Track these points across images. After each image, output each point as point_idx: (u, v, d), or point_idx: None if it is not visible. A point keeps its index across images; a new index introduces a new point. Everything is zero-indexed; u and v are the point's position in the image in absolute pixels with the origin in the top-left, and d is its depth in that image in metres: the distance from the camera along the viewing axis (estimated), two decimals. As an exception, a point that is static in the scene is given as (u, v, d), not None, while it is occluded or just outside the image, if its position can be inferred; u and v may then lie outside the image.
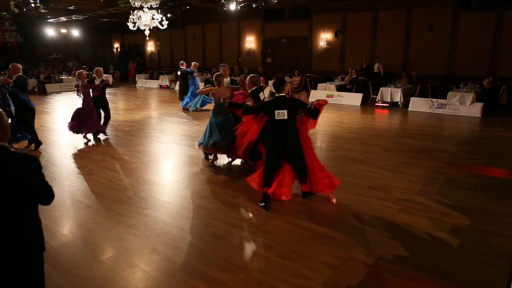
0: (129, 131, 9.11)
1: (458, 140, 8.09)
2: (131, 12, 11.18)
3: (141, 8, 11.04)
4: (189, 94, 12.10)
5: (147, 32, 11.43)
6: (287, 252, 3.58)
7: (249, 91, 5.69)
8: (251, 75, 5.83)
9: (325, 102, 4.73)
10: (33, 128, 7.30)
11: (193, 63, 12.86)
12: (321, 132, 8.99)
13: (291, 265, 3.36)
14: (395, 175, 5.74)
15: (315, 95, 14.33)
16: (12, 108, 6.92)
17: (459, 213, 4.41)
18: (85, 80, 8.03)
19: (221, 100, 5.83)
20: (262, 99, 5.48)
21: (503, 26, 12.48)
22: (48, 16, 19.67)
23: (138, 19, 11.15)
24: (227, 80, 6.91)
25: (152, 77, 22.10)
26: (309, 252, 3.59)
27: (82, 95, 7.89)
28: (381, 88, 12.82)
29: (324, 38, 16.60)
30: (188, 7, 15.62)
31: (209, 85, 6.85)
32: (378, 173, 5.83)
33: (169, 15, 14.97)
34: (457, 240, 3.79)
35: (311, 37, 17.06)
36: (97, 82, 8.19)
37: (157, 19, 11.33)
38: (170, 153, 7.21)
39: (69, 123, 7.99)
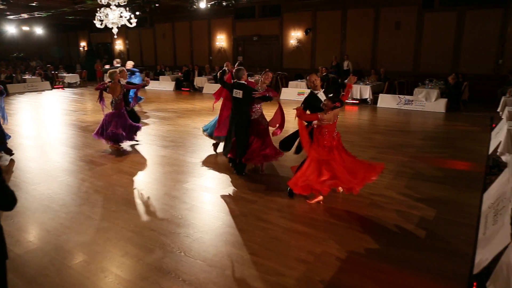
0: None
1: (425, 135, 8.38)
2: (98, 9, 10.88)
3: (108, 5, 10.76)
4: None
5: (115, 31, 11.15)
6: (260, 250, 3.60)
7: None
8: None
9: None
10: None
11: (128, 62, 11.30)
12: (293, 129, 9.07)
13: (265, 263, 3.39)
14: (365, 170, 5.87)
15: (286, 93, 14.47)
16: None
17: (426, 205, 4.58)
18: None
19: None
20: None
21: (464, 25, 13.02)
22: (8, 13, 18.85)
23: (106, 17, 10.87)
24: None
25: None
26: (282, 249, 3.62)
27: (114, 98, 6.96)
28: (350, 85, 13.05)
29: (295, 36, 16.75)
30: (157, 4, 15.38)
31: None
32: (349, 169, 5.94)
33: (138, 13, 14.66)
34: (424, 231, 3.93)
35: (281, 35, 17.17)
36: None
37: (125, 17, 11.07)
38: (141, 154, 7.08)
39: (114, 133, 6.81)
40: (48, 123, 10.29)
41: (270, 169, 6.05)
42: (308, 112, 4.71)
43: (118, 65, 11.24)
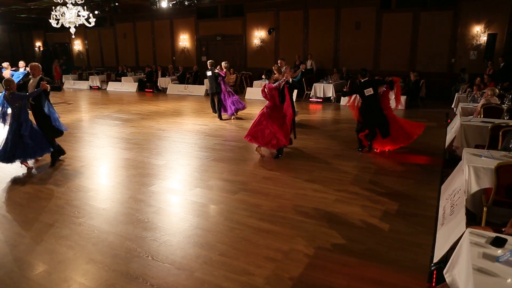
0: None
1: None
2: (54, 8, 10.43)
3: (64, 4, 10.34)
4: None
5: (72, 30, 10.74)
6: (229, 250, 3.60)
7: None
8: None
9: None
10: None
11: (20, 63, 10.72)
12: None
13: (234, 263, 3.38)
14: (330, 167, 6.01)
15: (251, 92, 14.51)
16: None
17: (389, 199, 4.74)
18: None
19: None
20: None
21: (419, 26, 13.61)
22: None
23: (62, 15, 10.44)
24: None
25: (81, 77, 20.83)
26: (251, 248, 3.63)
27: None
28: (314, 84, 13.33)
29: (258, 36, 16.83)
30: (117, 4, 14.95)
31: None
32: (314, 166, 6.06)
33: (96, 12, 14.20)
34: (388, 225, 4.07)
35: (245, 35, 17.20)
36: None
37: (83, 16, 10.69)
38: (104, 157, 6.87)
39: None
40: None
41: (236, 170, 6.05)
42: None
43: (22, 68, 10.59)
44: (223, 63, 10.80)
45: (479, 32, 12.77)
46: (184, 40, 19.06)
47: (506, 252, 2.26)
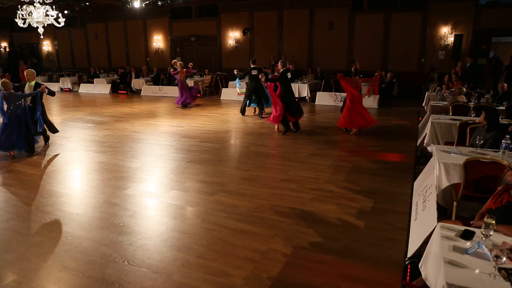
0: (26, 140, 8.21)
1: (360, 130, 8.83)
2: (20, 7, 10.06)
3: (31, 2, 9.99)
4: None
5: (41, 30, 10.38)
6: (207, 252, 3.58)
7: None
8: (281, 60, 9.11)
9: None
10: None
11: None
12: (234, 129, 9.13)
13: (212, 265, 3.37)
14: (306, 167, 6.07)
15: (226, 93, 14.48)
16: None
17: (364, 196, 4.84)
18: None
19: None
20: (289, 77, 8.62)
21: (390, 26, 13.95)
22: None
23: (29, 15, 10.08)
24: None
25: (51, 79, 20.19)
26: (229, 249, 3.63)
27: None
28: (289, 84, 13.40)
29: (233, 36, 16.81)
30: (87, 3, 14.61)
31: None
32: (290, 166, 6.11)
33: (66, 12, 13.82)
34: (363, 222, 4.15)
35: (220, 35, 17.15)
36: None
37: (52, 16, 10.36)
38: (76, 161, 6.69)
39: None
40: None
41: (212, 171, 6.02)
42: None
43: None
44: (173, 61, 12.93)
45: (446, 33, 13.22)
46: (158, 41, 18.81)
47: (474, 244, 2.35)
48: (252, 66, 10.36)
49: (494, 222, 2.40)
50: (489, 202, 2.98)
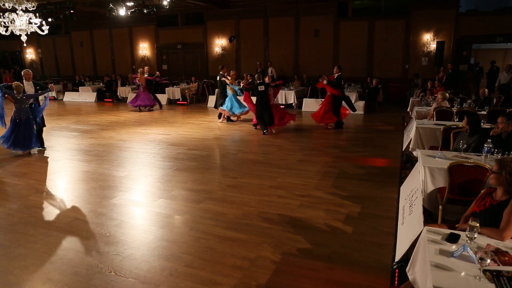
0: (9, 150, 8.05)
1: (347, 136, 8.93)
2: (1, 14, 9.90)
3: (14, 10, 9.85)
4: None
5: (24, 38, 10.22)
6: (195, 261, 3.54)
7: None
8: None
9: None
10: None
11: None
12: (221, 136, 9.11)
13: (201, 273, 3.34)
14: (294, 173, 6.09)
15: (212, 101, 14.42)
16: None
17: (351, 202, 4.87)
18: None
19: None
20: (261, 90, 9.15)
21: (374, 33, 14.20)
22: None
23: (11, 22, 9.94)
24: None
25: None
26: (217, 257, 3.60)
27: None
28: (276, 91, 13.48)
29: (219, 44, 16.86)
30: (72, 11, 14.48)
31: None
32: (278, 173, 6.12)
33: (50, 20, 13.67)
34: (351, 227, 4.17)
35: (206, 43, 17.19)
36: None
37: (35, 24, 10.22)
38: (61, 171, 6.58)
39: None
40: None
41: (200, 179, 5.99)
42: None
43: None
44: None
45: (429, 40, 13.50)
46: (144, 49, 18.73)
47: (459, 247, 2.39)
48: (258, 82, 9.28)
49: (478, 225, 2.44)
50: (473, 205, 3.03)
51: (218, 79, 10.91)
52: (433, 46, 13.42)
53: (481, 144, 4.43)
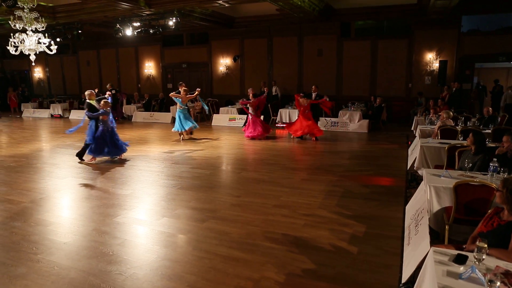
0: (14, 167, 8.11)
1: (351, 155, 8.90)
2: (12, 35, 10.13)
3: (24, 30, 10.07)
4: None
5: (32, 58, 10.43)
6: (198, 281, 3.49)
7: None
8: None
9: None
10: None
11: None
12: (225, 155, 9.12)
13: (204, 294, 3.29)
14: (298, 192, 6.05)
15: (217, 119, 14.55)
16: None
17: (356, 221, 4.82)
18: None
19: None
20: None
21: (378, 53, 14.33)
22: None
23: (21, 42, 10.14)
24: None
25: (41, 106, 20.12)
26: (221, 277, 3.55)
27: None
28: (280, 109, 13.58)
29: (224, 63, 17.07)
30: (80, 31, 14.77)
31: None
32: (282, 192, 6.09)
33: (58, 39, 13.94)
34: (356, 248, 4.11)
35: (211, 62, 17.40)
36: None
37: (44, 43, 10.43)
38: (65, 188, 6.59)
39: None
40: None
41: (203, 198, 5.97)
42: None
43: None
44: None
45: (431, 59, 13.61)
46: (150, 68, 18.99)
47: (468, 269, 2.34)
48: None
49: (486, 245, 2.40)
50: (481, 225, 2.99)
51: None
52: (436, 65, 13.51)
53: (487, 163, 4.41)
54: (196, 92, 11.04)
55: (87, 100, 8.50)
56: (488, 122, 8.29)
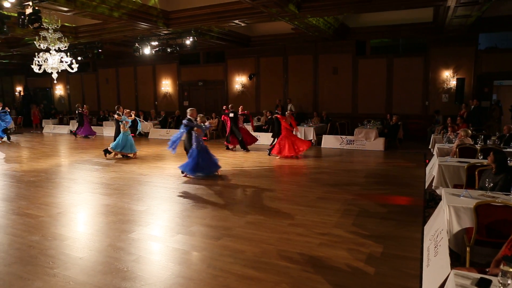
0: (34, 182, 8.27)
1: (367, 173, 8.79)
2: (36, 54, 10.51)
3: (47, 50, 10.45)
4: None
5: (55, 76, 10.78)
6: (213, 299, 3.46)
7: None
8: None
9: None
10: None
11: None
12: (241, 172, 9.11)
13: (218, 313, 3.24)
14: (313, 210, 5.98)
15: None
16: None
17: (373, 241, 4.72)
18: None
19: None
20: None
21: (393, 71, 14.30)
22: None
23: (45, 61, 10.51)
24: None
25: (61, 122, 20.65)
26: (235, 296, 3.51)
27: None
28: (295, 127, 13.56)
29: (239, 81, 17.26)
30: (100, 50, 15.21)
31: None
32: (298, 210, 6.03)
33: (79, 58, 14.39)
34: (373, 268, 4.02)
35: (226, 80, 17.63)
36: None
37: (66, 62, 10.79)
38: (82, 204, 6.67)
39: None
40: (-24, 175, 9.42)
41: (218, 215, 5.96)
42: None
43: None
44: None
45: (448, 77, 13.48)
46: (167, 85, 19.34)
47: (491, 294, 2.25)
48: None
49: (511, 270, 2.31)
50: (504, 248, 2.89)
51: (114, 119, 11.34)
52: (453, 82, 13.37)
53: (509, 183, 4.29)
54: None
55: (188, 116, 8.48)
56: (509, 140, 8.10)
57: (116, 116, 10.94)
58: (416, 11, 11.93)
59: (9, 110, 15.76)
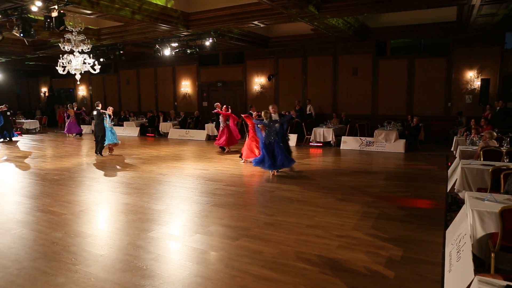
0: (57, 180, 8.49)
1: (387, 175, 8.66)
2: (61, 56, 10.80)
3: (71, 52, 10.72)
4: None
5: (78, 77, 11.06)
6: (230, 300, 3.47)
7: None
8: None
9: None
10: None
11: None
12: (258, 173, 9.11)
13: (235, 313, 3.25)
14: (332, 212, 5.93)
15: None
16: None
17: (393, 245, 4.64)
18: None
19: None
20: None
21: (415, 71, 14.04)
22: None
23: (68, 63, 10.79)
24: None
25: (83, 122, 21.12)
26: (253, 297, 3.51)
27: None
28: (314, 128, 13.49)
29: (258, 82, 17.28)
30: (121, 52, 15.50)
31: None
32: (316, 211, 5.99)
33: (102, 60, 14.70)
34: (393, 272, 3.95)
35: (245, 81, 17.67)
36: None
37: (88, 64, 11.05)
38: (103, 202, 6.81)
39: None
40: (3, 171, 9.74)
41: (236, 215, 5.97)
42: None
43: None
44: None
45: (472, 77, 13.14)
46: (186, 86, 19.54)
47: (517, 302, 2.18)
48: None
49: (537, 277, 2.23)
50: (530, 255, 2.79)
51: (95, 113, 11.65)
52: (477, 83, 13.02)
53: (536, 188, 4.14)
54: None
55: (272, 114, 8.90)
56: (536, 143, 7.82)
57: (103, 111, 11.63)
58: (439, 11, 11.67)
59: (8, 111, 16.63)
